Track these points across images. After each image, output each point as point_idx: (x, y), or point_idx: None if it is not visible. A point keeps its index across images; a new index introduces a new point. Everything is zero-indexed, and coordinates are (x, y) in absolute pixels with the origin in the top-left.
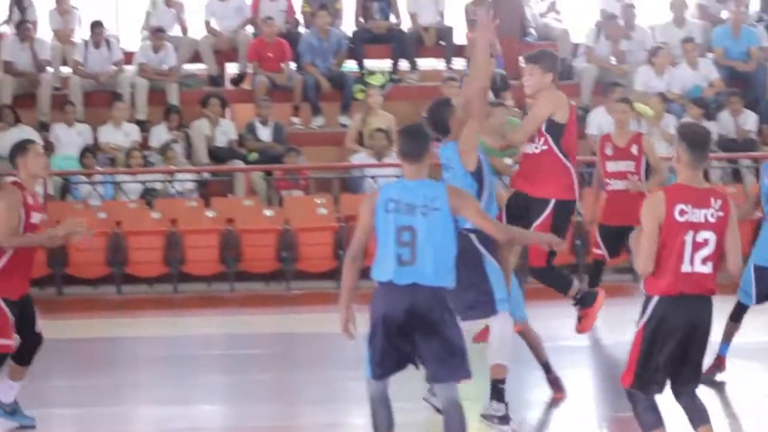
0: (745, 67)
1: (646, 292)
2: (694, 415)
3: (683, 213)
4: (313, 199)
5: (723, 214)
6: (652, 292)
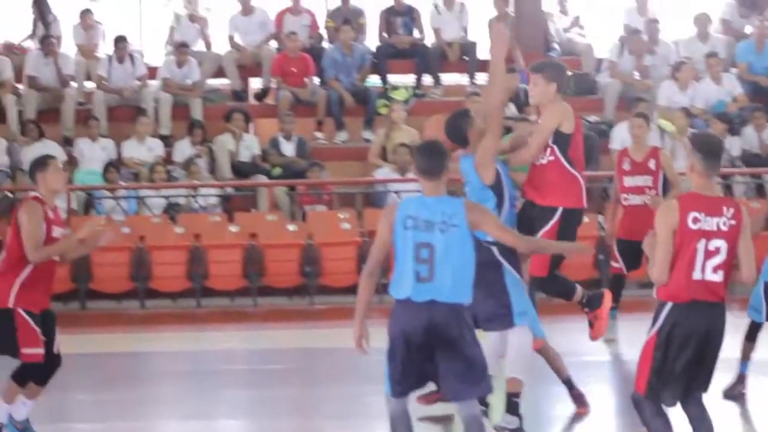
0: None
1: (658, 299)
2: (701, 428)
3: (696, 221)
4: (336, 214)
5: (735, 222)
6: (664, 299)
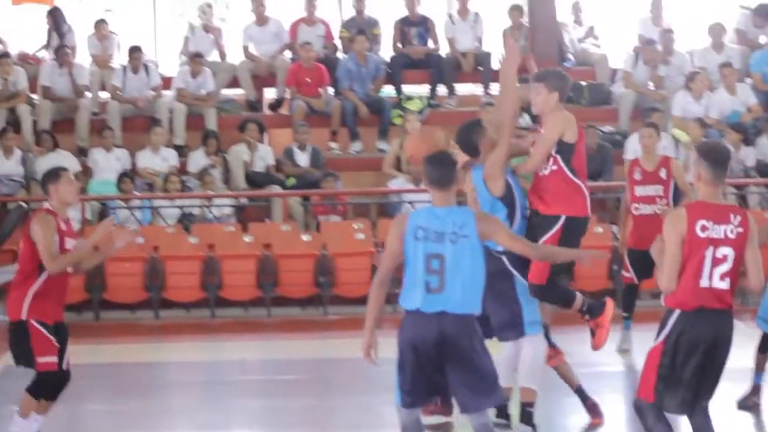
0: None
1: (666, 306)
2: None
3: (704, 229)
4: (350, 225)
5: (742, 230)
6: (671, 306)
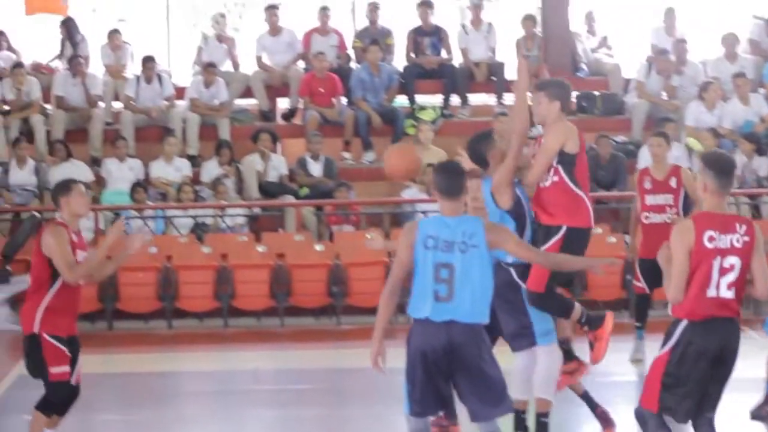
0: None
1: (673, 316)
2: None
3: (712, 239)
4: (363, 234)
5: (748, 239)
6: (679, 316)
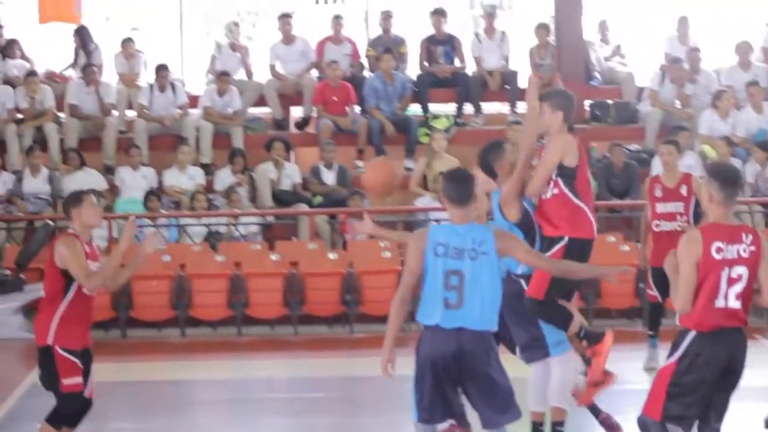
0: None
1: (681, 326)
2: None
3: (720, 250)
4: (377, 243)
5: (755, 248)
6: (687, 326)
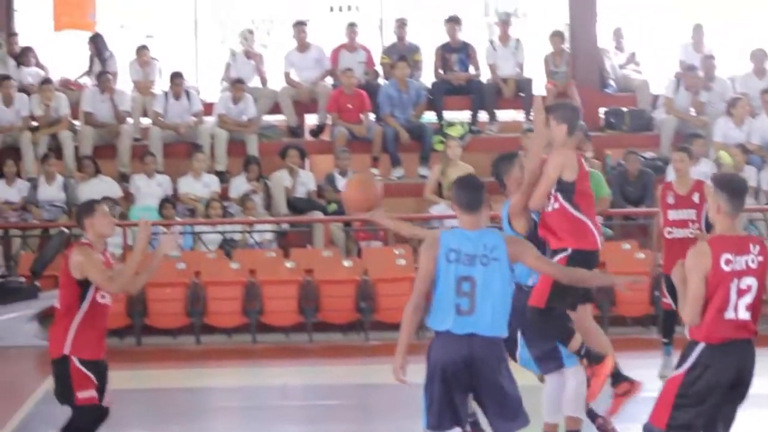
0: None
1: (690, 338)
2: None
3: (729, 262)
4: (391, 250)
5: (763, 258)
6: (696, 339)
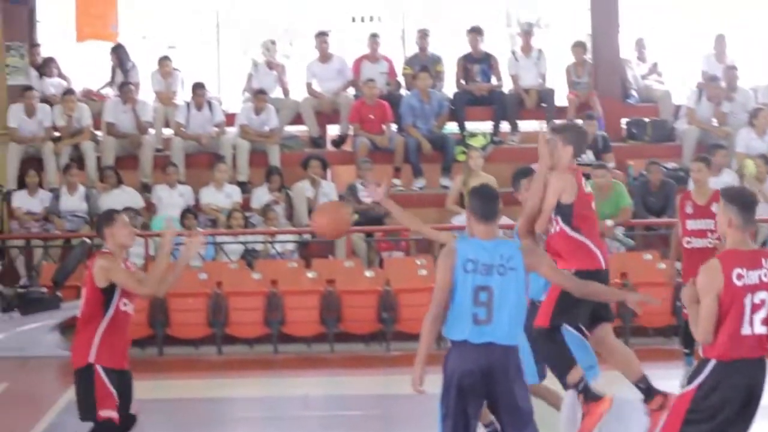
0: None
1: (703, 356)
2: None
3: (740, 277)
4: (413, 261)
5: None
6: (709, 356)
